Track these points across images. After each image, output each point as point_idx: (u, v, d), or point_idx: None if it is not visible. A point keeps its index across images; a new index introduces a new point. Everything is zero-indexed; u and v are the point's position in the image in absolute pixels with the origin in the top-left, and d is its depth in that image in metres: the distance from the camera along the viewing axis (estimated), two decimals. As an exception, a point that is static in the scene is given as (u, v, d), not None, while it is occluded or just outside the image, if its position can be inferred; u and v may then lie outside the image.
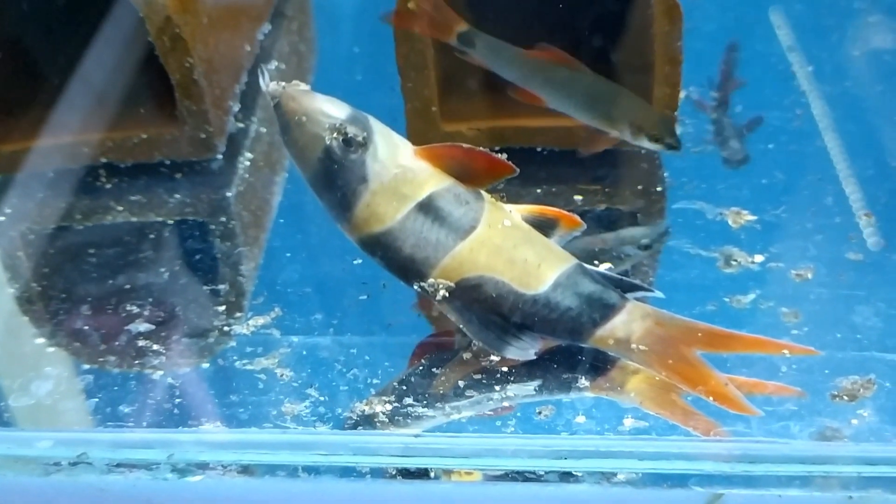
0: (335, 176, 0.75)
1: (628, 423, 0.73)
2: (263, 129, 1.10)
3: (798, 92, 1.10)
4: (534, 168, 1.00)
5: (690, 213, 0.94)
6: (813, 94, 1.08)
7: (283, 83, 0.76)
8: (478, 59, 0.98)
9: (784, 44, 1.17)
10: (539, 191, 0.98)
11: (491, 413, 0.75)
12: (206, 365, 0.81)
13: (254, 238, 0.97)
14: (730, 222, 0.92)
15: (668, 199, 0.97)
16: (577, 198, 0.97)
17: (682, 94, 1.03)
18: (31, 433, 0.75)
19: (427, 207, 0.76)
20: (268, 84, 0.75)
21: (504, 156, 0.76)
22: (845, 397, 0.74)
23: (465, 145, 0.76)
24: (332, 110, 0.75)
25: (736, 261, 0.87)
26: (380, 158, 0.76)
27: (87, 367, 0.82)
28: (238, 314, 0.86)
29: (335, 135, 0.74)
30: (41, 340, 0.85)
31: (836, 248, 0.89)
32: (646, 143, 0.96)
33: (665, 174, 1.00)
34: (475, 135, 0.99)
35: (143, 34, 0.96)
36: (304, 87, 0.76)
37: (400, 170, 0.76)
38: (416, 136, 0.95)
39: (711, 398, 0.73)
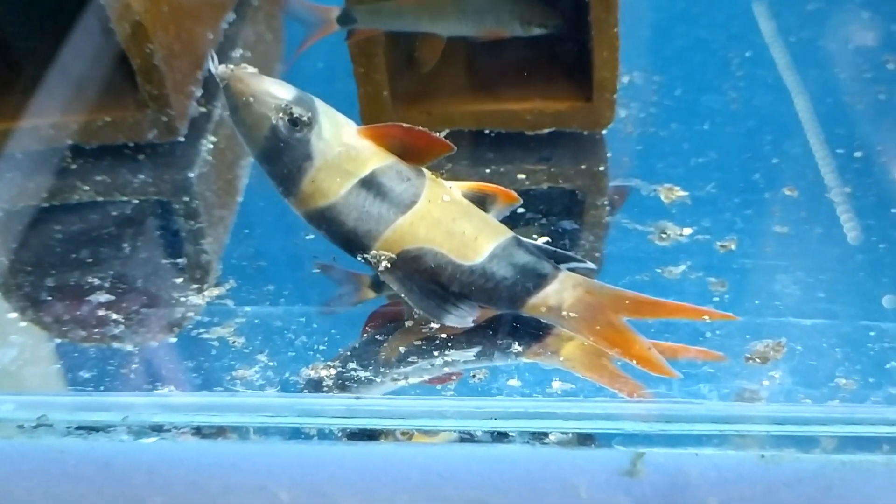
0: (282, 153, 0.79)
1: (556, 385, 0.77)
2: (226, 115, 1.11)
3: (735, 77, 1.14)
4: (482, 149, 1.03)
5: (628, 190, 0.98)
6: (792, 82, 1.13)
7: (232, 66, 0.79)
8: (368, 31, 1.01)
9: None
10: (487, 171, 1.01)
11: (437, 381, 0.78)
12: (163, 333, 0.84)
13: (213, 216, 1.00)
14: (662, 198, 0.96)
15: (608, 178, 1.01)
16: (521, 177, 1.01)
17: (625, 79, 1.08)
18: (-5, 396, 0.78)
19: (370, 183, 0.79)
20: (217, 67, 0.79)
21: (443, 134, 0.80)
22: (758, 360, 0.78)
23: (405, 125, 0.80)
24: (278, 91, 0.79)
25: (667, 234, 0.91)
26: (324, 137, 0.79)
27: (50, 335, 0.85)
28: (195, 286, 0.89)
29: (281, 115, 0.78)
30: (7, 310, 0.88)
31: (763, 221, 0.93)
32: (537, 31, 1.03)
33: (608, 154, 1.04)
34: (426, 118, 1.02)
35: (107, 22, 0.99)
36: (251, 69, 0.80)
37: (344, 148, 0.79)
38: (369, 119, 1.00)
39: (635, 361, 0.77)
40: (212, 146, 1.09)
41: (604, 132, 1.05)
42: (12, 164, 1.05)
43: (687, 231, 0.91)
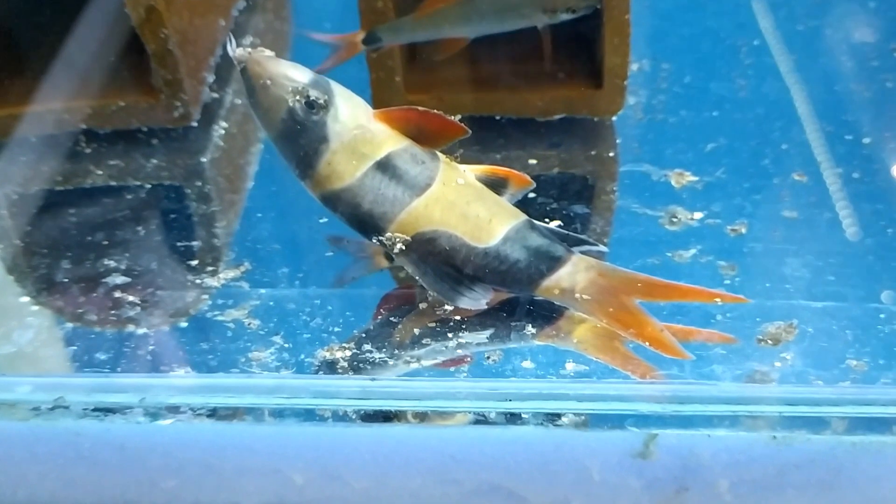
0: (298, 136, 0.80)
1: (570, 367, 0.77)
2: (238, 101, 1.14)
3: (743, 65, 1.14)
4: (493, 135, 1.04)
5: (638, 175, 0.99)
6: (787, 72, 1.14)
7: (250, 49, 0.79)
8: (392, 47, 1.03)
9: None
10: (499, 156, 1.02)
11: (451, 363, 0.79)
12: (178, 315, 0.85)
13: (226, 200, 1.01)
14: (673, 183, 0.96)
15: (619, 164, 1.02)
16: (532, 162, 1.01)
17: (635, 66, 1.09)
18: (12, 378, 0.78)
19: (385, 166, 0.80)
20: (235, 50, 0.79)
21: (458, 118, 0.81)
22: (770, 341, 0.78)
23: (420, 108, 0.80)
24: (295, 74, 0.79)
25: (677, 218, 0.92)
26: (340, 120, 0.80)
27: (66, 318, 0.85)
28: (210, 269, 0.90)
29: (298, 97, 0.78)
30: (23, 292, 0.89)
31: (772, 206, 0.94)
32: (565, 17, 1.01)
33: (618, 140, 1.05)
34: (437, 104, 1.00)
35: (121, 6, 0.99)
36: (269, 53, 0.80)
37: (359, 130, 0.80)
38: (381, 105, 0.98)
39: (648, 343, 0.77)
40: (224, 131, 1.10)
41: (614, 119, 1.05)
42: (27, 148, 1.06)
43: (697, 215, 0.92)
